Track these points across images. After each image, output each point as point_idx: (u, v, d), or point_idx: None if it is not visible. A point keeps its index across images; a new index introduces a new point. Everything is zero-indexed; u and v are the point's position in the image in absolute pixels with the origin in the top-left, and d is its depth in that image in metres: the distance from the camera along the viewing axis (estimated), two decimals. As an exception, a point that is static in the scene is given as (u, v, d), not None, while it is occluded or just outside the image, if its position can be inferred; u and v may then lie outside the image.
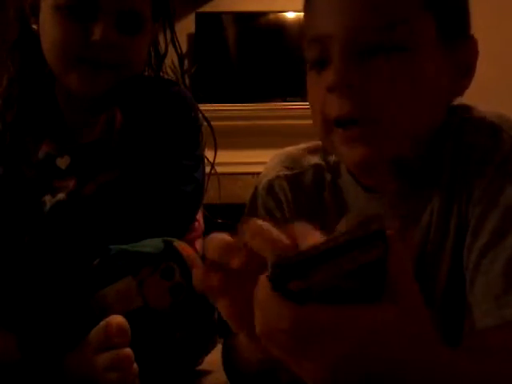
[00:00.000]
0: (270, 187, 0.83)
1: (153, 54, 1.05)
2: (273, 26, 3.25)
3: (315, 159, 0.84)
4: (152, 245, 0.79)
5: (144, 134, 0.93)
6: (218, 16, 3.28)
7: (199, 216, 1.05)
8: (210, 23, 3.25)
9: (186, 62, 3.16)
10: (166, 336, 0.77)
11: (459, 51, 0.72)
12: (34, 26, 0.96)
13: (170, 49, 1.07)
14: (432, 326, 0.50)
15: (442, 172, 0.74)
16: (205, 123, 1.04)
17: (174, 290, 0.77)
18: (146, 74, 1.06)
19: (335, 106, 0.70)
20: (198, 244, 1.06)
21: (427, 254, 0.75)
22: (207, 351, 0.92)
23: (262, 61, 3.17)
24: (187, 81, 3.12)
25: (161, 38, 1.06)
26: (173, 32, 1.04)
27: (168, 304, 0.76)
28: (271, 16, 3.26)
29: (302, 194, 0.83)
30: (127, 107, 0.94)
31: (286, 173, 0.84)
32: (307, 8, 0.76)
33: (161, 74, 1.08)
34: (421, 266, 0.75)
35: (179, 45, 1.08)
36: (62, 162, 0.93)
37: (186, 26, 3.23)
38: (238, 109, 2.98)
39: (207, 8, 3.30)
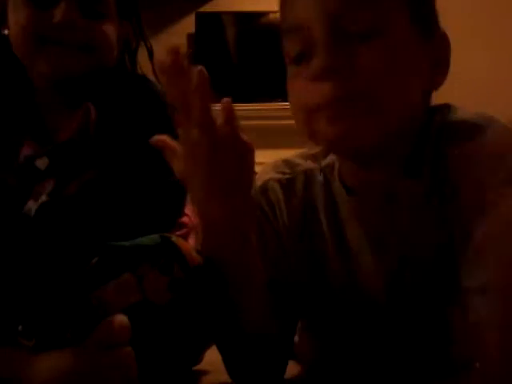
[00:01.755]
0: (264, 188, 0.86)
1: (126, 55, 1.05)
2: (273, 26, 3.25)
3: (309, 164, 0.86)
4: (150, 240, 0.80)
5: (120, 131, 0.94)
6: (218, 16, 3.28)
7: (189, 211, 1.05)
8: (210, 23, 3.26)
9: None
10: (167, 331, 0.77)
11: (432, 44, 0.75)
12: (5, 32, 0.96)
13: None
14: None
15: (422, 177, 0.75)
16: None
17: (173, 285, 0.77)
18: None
19: (321, 90, 0.71)
20: (191, 240, 1.06)
21: (408, 254, 0.76)
22: (207, 347, 0.92)
23: (262, 61, 3.17)
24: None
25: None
26: (141, 28, 1.05)
27: (167, 299, 0.77)
28: (271, 16, 3.26)
29: (294, 196, 0.85)
30: (101, 103, 0.95)
31: (279, 176, 0.86)
32: (283, 1, 0.78)
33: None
34: (402, 267, 0.77)
35: (147, 39, 1.08)
36: (41, 163, 0.93)
37: (186, 26, 3.23)
38: (238, 109, 2.96)
39: (207, 8, 3.30)
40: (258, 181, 0.87)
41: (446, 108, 0.78)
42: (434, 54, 0.75)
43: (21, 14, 0.92)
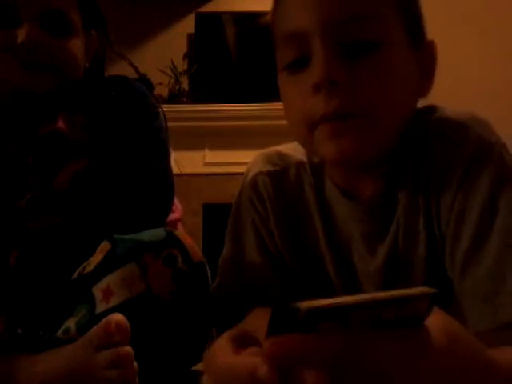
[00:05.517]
0: (254, 182, 0.85)
1: (95, 63, 1.07)
2: (273, 26, 3.25)
3: (300, 156, 0.86)
4: (154, 233, 0.81)
5: (106, 128, 0.96)
6: (218, 16, 3.28)
7: (175, 200, 1.07)
8: (210, 23, 3.26)
9: (185, 61, 3.16)
10: (170, 325, 0.78)
11: (421, 53, 0.75)
12: None
13: (170, 49, 1.09)
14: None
15: (407, 174, 0.75)
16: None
17: (176, 277, 0.78)
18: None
19: (321, 103, 0.69)
20: (180, 227, 1.07)
21: (399, 257, 0.76)
22: (208, 344, 0.92)
23: (261, 61, 3.17)
24: (187, 81, 3.12)
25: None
26: (107, 35, 1.06)
27: (171, 290, 0.77)
28: (271, 16, 3.26)
29: (285, 189, 0.85)
30: (88, 108, 0.96)
31: (269, 169, 0.86)
32: (277, 4, 0.76)
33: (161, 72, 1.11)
34: (394, 269, 0.77)
35: (114, 45, 1.09)
36: (30, 159, 0.94)
37: (186, 26, 3.23)
38: (238, 109, 2.98)
39: (207, 8, 3.30)
40: (249, 172, 0.86)
41: (431, 109, 0.78)
42: (423, 62, 0.75)
43: None
